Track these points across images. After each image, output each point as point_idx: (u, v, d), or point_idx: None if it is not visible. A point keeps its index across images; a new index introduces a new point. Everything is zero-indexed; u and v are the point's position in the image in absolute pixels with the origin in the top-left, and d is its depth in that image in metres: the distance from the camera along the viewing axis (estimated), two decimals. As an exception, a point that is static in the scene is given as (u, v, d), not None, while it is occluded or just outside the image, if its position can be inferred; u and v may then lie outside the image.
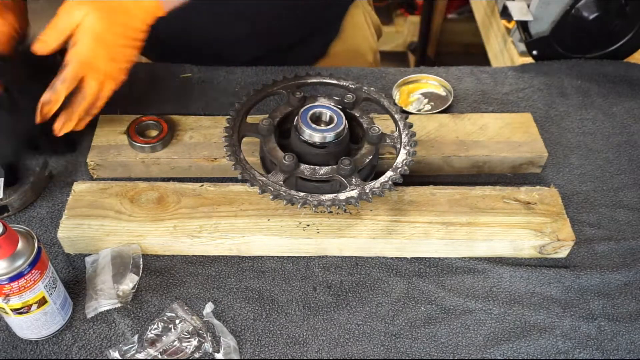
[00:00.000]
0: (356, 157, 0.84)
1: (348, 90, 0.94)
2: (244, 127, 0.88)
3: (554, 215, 0.88)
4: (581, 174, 1.00)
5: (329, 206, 0.80)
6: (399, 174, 0.83)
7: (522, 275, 0.86)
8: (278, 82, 0.94)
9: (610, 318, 0.82)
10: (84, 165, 0.96)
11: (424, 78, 1.14)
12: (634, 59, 1.22)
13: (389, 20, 2.83)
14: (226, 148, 0.84)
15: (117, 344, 0.77)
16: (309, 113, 0.85)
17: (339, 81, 0.95)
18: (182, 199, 0.88)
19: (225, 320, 0.80)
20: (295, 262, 0.87)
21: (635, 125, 1.09)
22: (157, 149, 0.94)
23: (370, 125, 0.88)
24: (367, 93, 0.94)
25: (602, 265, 0.87)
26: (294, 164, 0.82)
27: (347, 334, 0.79)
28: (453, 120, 1.02)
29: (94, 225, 0.85)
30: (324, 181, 0.84)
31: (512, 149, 0.97)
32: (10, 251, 0.68)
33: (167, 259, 0.87)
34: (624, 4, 1.12)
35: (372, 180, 0.83)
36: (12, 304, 0.71)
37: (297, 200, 0.80)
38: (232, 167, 0.82)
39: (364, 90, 0.94)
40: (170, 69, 1.14)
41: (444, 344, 0.79)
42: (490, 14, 1.68)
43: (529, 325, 0.81)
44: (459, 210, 0.88)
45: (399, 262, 0.87)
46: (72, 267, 0.85)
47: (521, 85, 1.15)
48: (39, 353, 0.76)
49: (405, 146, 0.87)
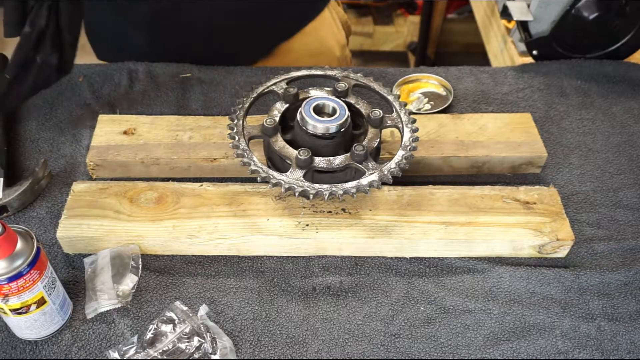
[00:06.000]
0: (364, 142, 0.86)
1: (336, 79, 0.95)
2: (248, 129, 0.88)
3: (554, 215, 0.88)
4: (581, 174, 1.00)
5: (354, 193, 0.81)
6: (410, 151, 0.85)
7: (521, 275, 0.85)
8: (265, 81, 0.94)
9: (610, 318, 0.82)
10: (83, 165, 0.96)
11: (424, 77, 1.14)
12: (634, 59, 1.22)
13: (389, 20, 2.83)
14: (237, 154, 0.84)
15: (116, 344, 0.77)
16: (312, 106, 0.85)
17: (325, 71, 0.96)
18: (182, 199, 0.88)
19: (224, 321, 0.80)
20: (294, 262, 0.87)
21: (635, 125, 1.09)
22: None
23: (370, 110, 0.89)
24: (355, 79, 0.95)
25: (602, 265, 0.87)
26: (310, 158, 0.82)
27: (347, 334, 0.79)
28: (453, 120, 1.02)
29: (93, 225, 0.85)
30: (339, 170, 0.85)
31: (511, 149, 0.97)
32: (9, 251, 0.68)
33: (166, 259, 0.87)
34: (624, 4, 1.12)
35: (384, 162, 0.84)
36: (11, 304, 0.71)
37: (323, 193, 0.80)
38: (249, 171, 0.82)
39: (352, 77, 0.95)
40: (170, 69, 1.14)
41: (443, 344, 0.79)
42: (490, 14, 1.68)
43: (529, 326, 0.81)
44: (458, 210, 0.88)
45: (399, 262, 0.87)
46: (71, 267, 0.85)
47: (521, 85, 1.15)
48: (38, 353, 0.76)
49: (407, 124, 0.88)
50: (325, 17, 1.25)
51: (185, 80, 1.13)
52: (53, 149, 1.01)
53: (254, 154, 0.84)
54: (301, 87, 0.94)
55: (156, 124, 0.99)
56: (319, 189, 0.81)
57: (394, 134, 0.98)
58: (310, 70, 0.96)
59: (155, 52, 1.16)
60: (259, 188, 0.90)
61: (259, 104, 0.94)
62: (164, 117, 1.01)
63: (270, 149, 0.87)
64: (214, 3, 1.10)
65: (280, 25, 1.21)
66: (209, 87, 1.12)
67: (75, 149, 1.00)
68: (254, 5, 1.14)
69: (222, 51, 1.17)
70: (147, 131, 0.98)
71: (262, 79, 0.94)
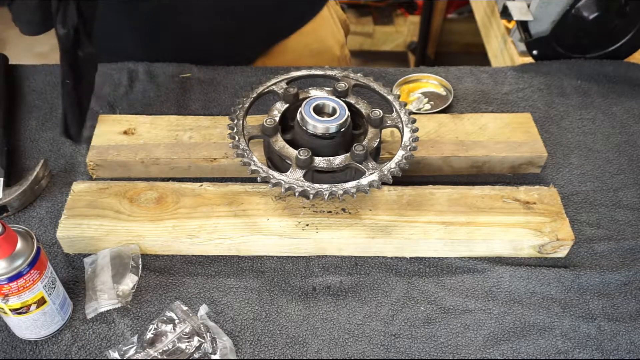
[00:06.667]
0: (364, 142, 0.86)
1: (336, 79, 0.95)
2: (248, 129, 0.88)
3: (553, 215, 0.88)
4: (581, 174, 1.00)
5: (354, 193, 0.81)
6: (410, 151, 0.85)
7: (521, 275, 0.85)
8: (265, 81, 0.94)
9: (610, 318, 0.82)
10: (83, 165, 0.96)
11: (424, 77, 1.14)
12: (634, 59, 1.22)
13: (389, 20, 2.83)
14: (237, 154, 0.84)
15: (116, 344, 0.77)
16: (312, 106, 0.85)
17: (325, 71, 0.96)
18: (182, 199, 0.88)
19: (224, 320, 0.80)
20: (294, 262, 0.87)
21: (635, 125, 1.09)
22: None
23: (370, 110, 0.89)
24: (355, 79, 0.95)
25: (602, 265, 0.87)
26: (310, 158, 0.82)
27: (347, 334, 0.79)
28: (453, 120, 1.02)
29: (93, 225, 0.85)
30: (339, 170, 0.85)
31: (511, 149, 0.97)
32: (9, 251, 0.68)
33: (166, 259, 0.87)
34: (624, 4, 1.11)
35: (384, 162, 0.84)
36: (11, 304, 0.71)
37: (323, 193, 0.80)
38: (249, 171, 0.82)
39: (352, 77, 0.95)
40: (170, 69, 1.14)
41: (443, 344, 0.79)
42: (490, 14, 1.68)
43: (529, 325, 0.81)
44: (458, 210, 0.88)
45: (399, 262, 0.87)
46: (71, 267, 0.85)
47: (521, 85, 1.15)
48: (38, 353, 0.76)
49: (407, 124, 0.88)
50: (324, 16, 1.25)
51: (185, 80, 1.13)
52: (53, 149, 1.01)
53: (254, 154, 0.84)
54: (301, 87, 0.94)
55: (156, 124, 0.99)
56: (319, 189, 0.81)
57: (394, 134, 0.98)
58: (310, 70, 0.96)
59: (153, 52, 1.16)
60: (259, 188, 0.90)
61: (259, 104, 0.94)
62: (164, 117, 1.01)
63: (270, 149, 0.87)
64: (212, 3, 1.10)
65: (279, 24, 1.21)
66: (209, 87, 1.12)
67: (75, 149, 1.00)
68: (252, 4, 1.14)
69: (220, 51, 1.17)
70: (147, 131, 0.98)
71: (262, 79, 0.94)
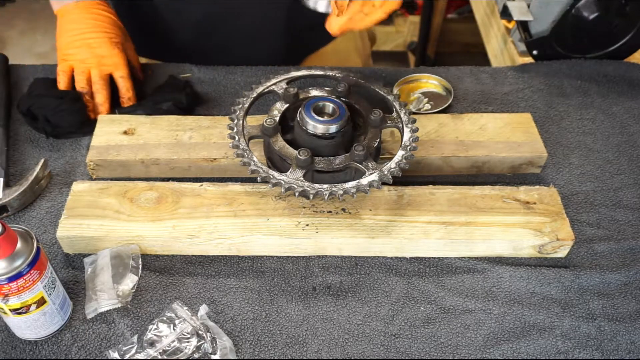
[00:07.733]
0: (364, 142, 0.86)
1: (336, 79, 0.95)
2: (248, 129, 0.88)
3: (554, 215, 0.88)
4: (581, 174, 1.00)
5: (354, 193, 0.81)
6: (410, 151, 0.85)
7: (521, 275, 0.85)
8: (265, 81, 0.94)
9: (610, 318, 0.82)
10: (83, 165, 0.96)
11: (424, 77, 1.14)
12: (634, 59, 1.22)
13: (389, 20, 2.83)
14: (237, 154, 0.84)
15: (116, 344, 0.77)
16: (312, 106, 0.85)
17: (325, 72, 0.96)
18: (182, 199, 0.88)
19: (224, 321, 0.80)
20: (294, 262, 0.87)
21: (635, 125, 1.09)
22: None
23: (370, 110, 0.89)
24: (355, 79, 0.95)
25: (602, 265, 0.87)
26: (310, 158, 0.82)
27: (347, 334, 0.79)
28: (453, 120, 1.02)
29: (93, 225, 0.85)
30: (339, 171, 0.85)
31: (511, 149, 0.97)
32: (9, 251, 0.68)
33: (166, 259, 0.87)
34: (624, 4, 1.11)
35: (384, 162, 0.84)
36: (11, 304, 0.71)
37: (323, 193, 0.80)
38: (249, 171, 0.82)
39: (352, 77, 0.95)
40: (170, 69, 1.14)
41: (443, 344, 0.79)
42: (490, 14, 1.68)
43: (529, 325, 0.81)
44: (458, 210, 0.88)
45: (399, 262, 0.87)
46: (71, 267, 0.85)
47: (521, 85, 1.15)
48: (38, 353, 0.76)
49: (407, 124, 0.88)
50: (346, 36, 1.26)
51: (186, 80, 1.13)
52: (53, 149, 1.01)
53: (254, 154, 0.84)
54: (301, 87, 0.94)
55: (156, 124, 0.99)
56: (319, 189, 0.81)
57: (394, 134, 0.98)
58: (310, 70, 0.96)
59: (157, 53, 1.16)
60: (259, 188, 0.90)
61: (259, 104, 0.94)
62: (164, 117, 1.01)
63: (270, 149, 0.87)
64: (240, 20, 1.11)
65: (298, 45, 1.21)
66: (209, 87, 1.12)
67: (75, 149, 1.00)
68: (267, 31, 1.15)
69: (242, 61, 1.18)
70: (147, 131, 0.98)
71: (262, 79, 0.94)
